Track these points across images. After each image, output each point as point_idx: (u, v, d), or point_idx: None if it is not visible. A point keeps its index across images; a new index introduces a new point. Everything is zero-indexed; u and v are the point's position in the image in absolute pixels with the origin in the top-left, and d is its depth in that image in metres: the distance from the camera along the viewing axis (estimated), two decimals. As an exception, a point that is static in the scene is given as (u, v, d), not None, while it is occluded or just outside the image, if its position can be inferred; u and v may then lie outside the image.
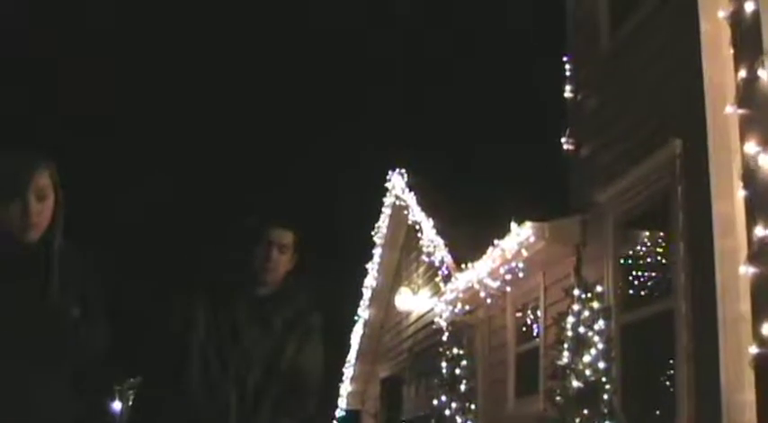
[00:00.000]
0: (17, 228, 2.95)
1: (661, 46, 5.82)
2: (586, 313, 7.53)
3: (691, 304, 5.49)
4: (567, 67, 9.01)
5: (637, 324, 7.73)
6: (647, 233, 8.49)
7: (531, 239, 8.83)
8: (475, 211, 11.48)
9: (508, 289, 10.13)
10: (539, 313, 9.76)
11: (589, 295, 7.53)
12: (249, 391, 3.35)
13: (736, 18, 4.27)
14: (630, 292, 8.36)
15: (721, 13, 4.38)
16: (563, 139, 9.04)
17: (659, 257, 8.34)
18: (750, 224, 4.13)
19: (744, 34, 4.23)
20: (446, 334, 11.70)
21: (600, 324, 7.41)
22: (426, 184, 13.59)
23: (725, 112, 4.31)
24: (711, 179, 4.39)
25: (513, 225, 9.05)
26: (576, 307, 7.66)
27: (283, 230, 3.53)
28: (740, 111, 4.23)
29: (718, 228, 4.40)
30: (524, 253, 9.15)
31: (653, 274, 8.49)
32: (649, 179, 6.85)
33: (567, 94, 8.93)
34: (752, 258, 4.10)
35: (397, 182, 14.38)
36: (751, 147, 4.09)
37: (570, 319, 7.64)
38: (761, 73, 4.04)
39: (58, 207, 2.98)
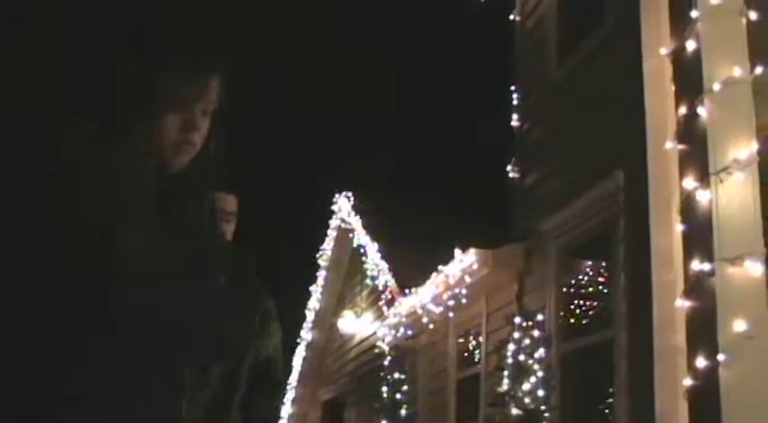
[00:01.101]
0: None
1: (606, 79, 5.92)
2: (527, 341, 7.58)
3: (629, 335, 5.56)
4: (515, 96, 9.09)
5: (577, 353, 7.80)
6: (590, 263, 8.57)
7: (475, 266, 8.88)
8: (420, 236, 11.51)
9: (451, 315, 10.16)
10: (481, 340, 9.80)
11: (530, 323, 7.59)
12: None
13: (679, 55, 4.36)
14: (572, 320, 8.43)
15: (664, 50, 4.46)
16: (508, 167, 9.11)
17: (601, 287, 8.43)
18: (687, 258, 4.19)
19: (685, 71, 4.31)
20: (388, 358, 11.70)
21: (540, 352, 7.46)
22: (372, 208, 13.61)
23: (665, 147, 4.38)
24: (651, 213, 4.46)
25: (458, 251, 9.09)
26: (516, 335, 7.70)
27: (227, 195, 3.10)
28: (680, 146, 4.30)
29: (657, 261, 4.47)
30: (468, 279, 9.19)
31: (594, 303, 8.56)
32: (592, 210, 6.93)
33: (514, 122, 9.02)
34: (688, 292, 4.17)
35: (343, 205, 14.38)
36: (689, 182, 4.17)
37: (511, 347, 7.69)
38: (700, 110, 4.12)
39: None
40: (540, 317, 7.67)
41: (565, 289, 8.40)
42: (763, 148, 4.32)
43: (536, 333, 7.54)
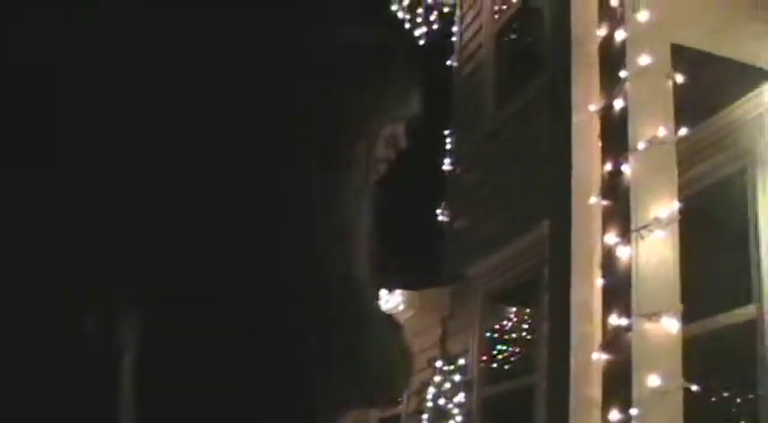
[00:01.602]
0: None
1: (538, 131, 6.02)
2: (448, 385, 7.63)
3: (549, 383, 5.62)
4: (449, 140, 9.18)
5: (497, 398, 7.85)
6: (515, 309, 8.65)
7: (401, 307, 8.92)
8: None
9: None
10: (404, 380, 9.81)
11: (452, 367, 7.64)
12: None
13: (607, 113, 4.45)
14: (494, 365, 8.49)
15: (593, 107, 4.55)
16: (439, 211, 9.18)
17: (524, 334, 8.51)
18: (606, 312, 4.26)
19: (612, 129, 4.40)
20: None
21: (460, 397, 7.50)
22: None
23: (589, 201, 4.46)
24: (573, 265, 4.53)
25: (384, 291, 9.13)
26: (437, 378, 7.75)
27: None
28: (604, 202, 4.38)
29: (576, 312, 4.53)
30: (394, 320, 9.23)
31: (517, 349, 8.64)
32: (518, 258, 7.02)
33: (447, 166, 9.10)
34: (605, 346, 4.23)
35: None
36: (611, 237, 4.25)
37: (431, 390, 7.73)
38: (624, 167, 4.21)
39: None
40: (461, 361, 7.72)
41: (488, 334, 8.47)
42: (685, 207, 4.43)
43: (457, 377, 7.58)
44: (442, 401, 7.73)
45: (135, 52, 1.38)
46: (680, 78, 4.41)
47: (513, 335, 8.69)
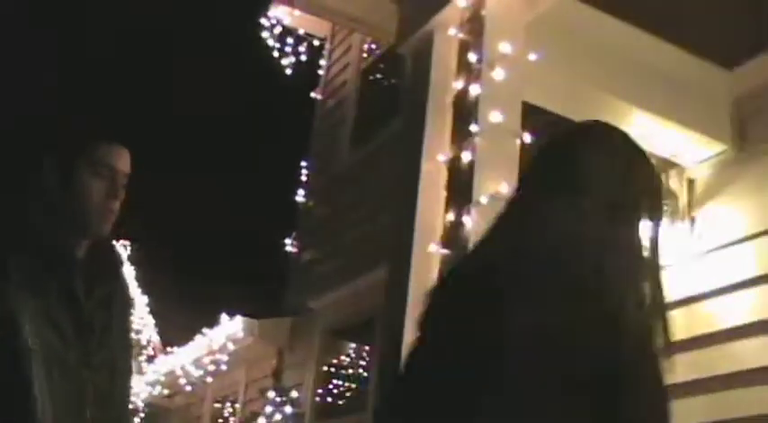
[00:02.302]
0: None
1: (389, 173, 6.10)
2: (278, 417, 7.61)
3: (374, 424, 5.67)
4: (304, 172, 9.22)
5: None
6: (354, 346, 8.70)
7: (240, 334, 8.89)
8: (192, 297, 11.43)
9: (209, 379, 10.08)
10: (237, 407, 9.76)
11: (284, 399, 7.63)
12: None
13: (454, 164, 4.55)
14: (329, 400, 8.51)
15: (441, 157, 4.65)
16: (288, 241, 9.19)
17: (361, 371, 8.56)
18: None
19: (458, 180, 4.50)
20: (141, 415, 11.46)
21: (290, 429, 7.50)
22: (149, 261, 13.39)
23: (429, 249, 4.55)
24: (408, 310, 4.59)
25: (224, 317, 9.09)
26: (269, 409, 7.72)
27: (125, 152, 2.70)
28: (443, 250, 4.47)
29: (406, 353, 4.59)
30: (231, 346, 9.18)
31: (353, 385, 8.69)
32: (359, 296, 7.09)
33: (300, 198, 9.13)
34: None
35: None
36: (447, 286, 4.33)
37: (262, 421, 7.70)
38: (465, 219, 4.31)
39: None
40: (294, 393, 7.73)
41: (326, 368, 8.49)
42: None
43: (288, 409, 7.58)
44: (271, 432, 7.71)
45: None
46: (527, 138, 4.54)
47: (350, 371, 8.74)
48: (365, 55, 8.82)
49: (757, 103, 5.63)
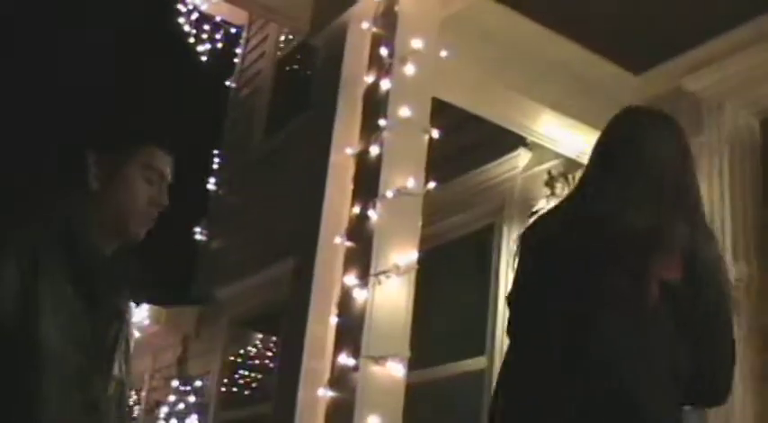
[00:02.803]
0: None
1: (300, 165, 6.08)
2: (182, 406, 7.55)
3: (276, 414, 5.64)
4: (216, 160, 9.15)
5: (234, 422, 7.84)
6: (261, 336, 8.67)
7: (146, 322, 8.77)
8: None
9: (113, 367, 9.94)
10: (142, 395, 9.65)
11: (188, 388, 7.57)
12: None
13: (362, 158, 4.56)
14: (234, 390, 8.47)
15: (349, 150, 4.65)
16: (198, 230, 9.12)
17: (267, 361, 8.53)
18: (336, 351, 4.33)
19: (365, 174, 4.51)
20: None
21: (193, 419, 7.44)
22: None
23: (334, 241, 4.55)
24: (311, 301, 4.59)
25: (132, 304, 8.97)
26: (172, 398, 7.65)
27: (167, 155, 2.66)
28: (348, 243, 4.48)
29: (309, 348, 4.58)
30: (136, 334, 9.06)
31: (259, 376, 8.65)
32: (267, 287, 7.06)
33: (211, 186, 9.05)
34: (332, 383, 4.30)
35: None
36: (350, 279, 4.34)
37: (164, 409, 7.63)
38: (371, 213, 4.32)
39: None
40: (198, 383, 7.67)
41: (232, 358, 8.44)
42: (431, 258, 4.61)
43: (192, 399, 7.53)
44: (174, 421, 7.64)
45: None
46: (435, 134, 4.57)
47: (257, 361, 8.71)
48: (281, 45, 8.79)
49: (663, 108, 5.73)
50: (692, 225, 2.39)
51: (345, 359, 4.24)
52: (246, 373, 8.58)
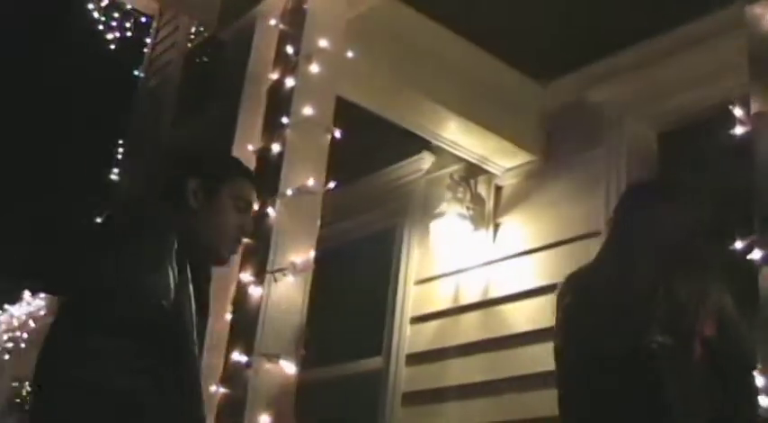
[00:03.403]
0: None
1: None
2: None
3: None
4: (120, 150, 9.01)
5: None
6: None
7: (42, 312, 8.64)
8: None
9: (7, 357, 9.75)
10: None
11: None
12: None
13: (264, 155, 4.55)
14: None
15: (251, 147, 4.64)
16: (98, 220, 8.95)
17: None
18: (230, 347, 4.31)
19: (266, 172, 4.49)
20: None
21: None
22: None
23: (233, 238, 4.52)
24: (212, 298, 4.56)
25: (27, 294, 8.82)
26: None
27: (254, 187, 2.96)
28: (246, 240, 4.44)
29: (207, 343, 4.57)
30: (32, 324, 8.92)
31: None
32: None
33: (114, 176, 8.91)
34: (224, 380, 4.28)
35: None
36: (246, 276, 4.33)
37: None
38: (270, 210, 4.31)
39: None
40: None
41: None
42: (325, 257, 4.62)
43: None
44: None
45: None
46: (338, 134, 4.58)
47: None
48: (192, 36, 8.70)
49: (566, 119, 5.85)
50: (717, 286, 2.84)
51: (238, 356, 4.22)
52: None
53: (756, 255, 2.85)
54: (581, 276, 3.19)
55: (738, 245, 2.94)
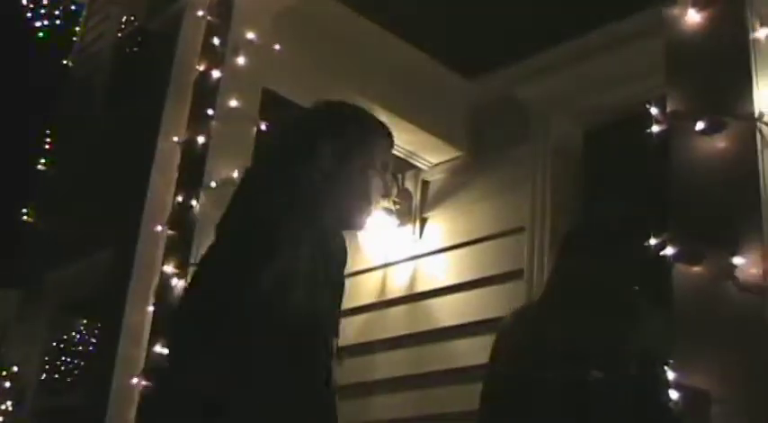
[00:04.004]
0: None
1: (129, 150, 5.98)
2: (-4, 392, 7.34)
3: (89, 402, 5.54)
4: (48, 140, 8.90)
5: (54, 410, 7.65)
6: (86, 322, 8.48)
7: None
8: None
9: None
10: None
11: (3, 374, 7.36)
12: None
13: (189, 147, 4.53)
14: (56, 376, 8.27)
15: (176, 138, 4.61)
16: (24, 209, 8.86)
17: (91, 348, 8.36)
18: (152, 339, 4.30)
19: (190, 163, 4.48)
20: None
21: (7, 405, 7.24)
22: None
23: (156, 229, 4.51)
24: (129, 289, 4.54)
25: (-52, 285, 8.66)
26: (-11, 384, 7.43)
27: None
28: (169, 232, 4.44)
29: (125, 336, 4.54)
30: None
31: (82, 363, 8.46)
32: (92, 272, 6.92)
33: (41, 166, 8.80)
34: (146, 372, 4.26)
35: None
36: (169, 267, 4.30)
37: (-23, 396, 7.41)
38: (194, 202, 4.29)
39: None
40: (15, 368, 7.46)
41: (54, 343, 8.24)
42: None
43: (7, 384, 7.32)
44: (-12, 407, 7.42)
45: None
46: (263, 126, 4.56)
47: (81, 348, 8.52)
48: (123, 25, 8.61)
49: (492, 114, 5.90)
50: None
51: (160, 348, 4.20)
52: (69, 359, 8.38)
53: (669, 252, 2.88)
54: (524, 315, 3.34)
55: (653, 242, 2.95)
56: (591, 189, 5.51)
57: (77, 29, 9.37)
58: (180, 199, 4.43)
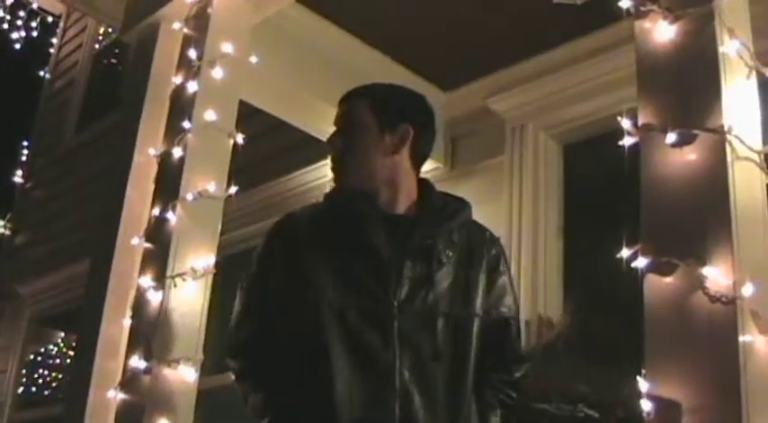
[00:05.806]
0: None
1: (106, 161, 5.99)
2: (-27, 405, 7.31)
3: (67, 414, 5.53)
4: (25, 152, 8.89)
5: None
6: (62, 334, 8.47)
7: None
8: None
9: None
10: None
11: (-21, 387, 7.34)
12: None
13: (165, 159, 4.53)
14: (33, 389, 8.25)
15: (152, 151, 4.62)
16: (0, 222, 8.83)
17: (69, 361, 8.34)
18: (129, 352, 4.29)
19: (166, 175, 4.48)
20: None
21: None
22: None
23: (132, 242, 4.51)
24: (106, 301, 4.54)
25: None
26: (-38, 396, 7.39)
27: None
28: (146, 244, 4.44)
29: (102, 348, 4.54)
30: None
31: (60, 376, 8.45)
32: (69, 284, 6.92)
33: (17, 178, 8.78)
34: (123, 385, 4.25)
35: None
36: (146, 280, 4.30)
37: (-47, 408, 7.37)
38: (170, 215, 4.29)
39: None
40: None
41: (32, 356, 8.22)
42: (227, 262, 4.62)
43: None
44: (-35, 421, 7.39)
45: None
46: (240, 139, 4.57)
47: (58, 361, 8.50)
48: (100, 37, 8.61)
49: (469, 126, 5.94)
50: None
51: (137, 361, 4.20)
52: (46, 372, 8.36)
53: (641, 263, 2.91)
54: None
55: (625, 253, 2.97)
56: (568, 199, 5.56)
57: (54, 40, 9.35)
58: (156, 211, 4.43)
